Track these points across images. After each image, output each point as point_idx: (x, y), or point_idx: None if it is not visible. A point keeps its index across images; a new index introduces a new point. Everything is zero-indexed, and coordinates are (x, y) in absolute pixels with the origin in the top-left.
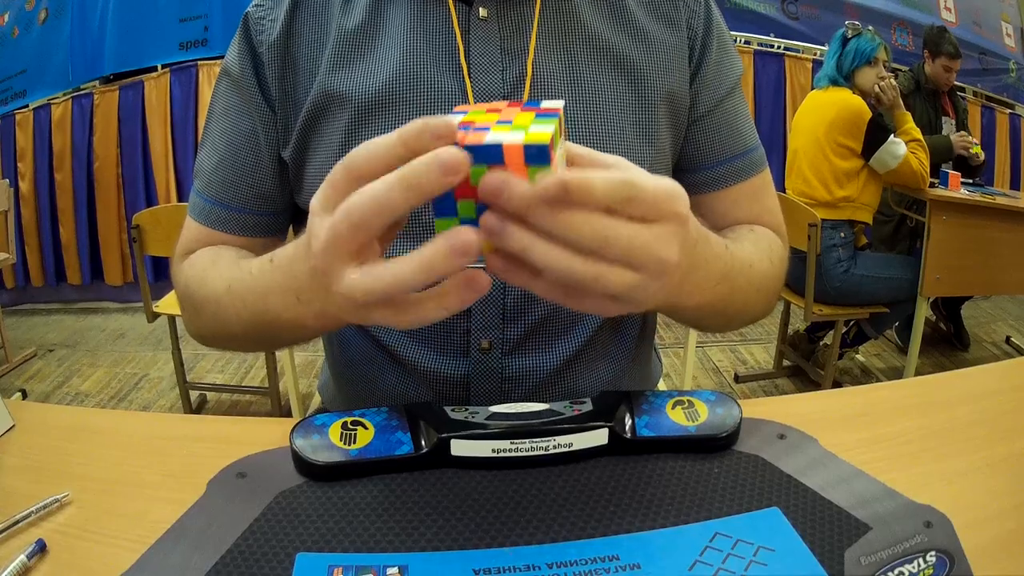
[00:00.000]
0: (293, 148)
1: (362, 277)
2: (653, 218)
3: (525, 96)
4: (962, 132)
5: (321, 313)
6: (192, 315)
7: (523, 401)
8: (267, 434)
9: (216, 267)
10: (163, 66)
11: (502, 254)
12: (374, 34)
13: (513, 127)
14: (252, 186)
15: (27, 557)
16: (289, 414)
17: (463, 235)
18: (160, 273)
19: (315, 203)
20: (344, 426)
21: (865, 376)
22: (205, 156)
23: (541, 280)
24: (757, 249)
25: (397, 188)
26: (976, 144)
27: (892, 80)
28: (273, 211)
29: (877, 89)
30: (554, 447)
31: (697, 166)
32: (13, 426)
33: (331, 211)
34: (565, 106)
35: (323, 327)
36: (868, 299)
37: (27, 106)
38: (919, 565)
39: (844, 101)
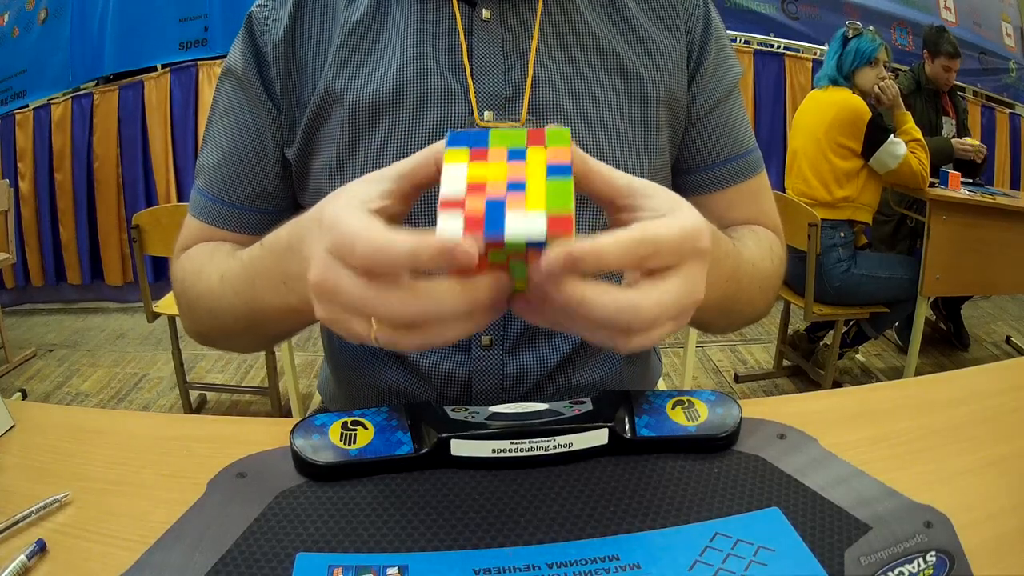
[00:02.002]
0: (297, 147)
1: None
2: (676, 264)
3: (526, 99)
4: (964, 138)
5: (305, 297)
6: (189, 311)
7: (524, 398)
8: (267, 434)
9: (212, 261)
10: (163, 66)
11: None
12: (378, 34)
13: (529, 196)
14: (254, 184)
15: (27, 557)
16: (289, 414)
17: (456, 250)
18: (160, 273)
19: (338, 249)
20: (344, 426)
21: (865, 376)
22: (207, 154)
23: (578, 322)
24: (759, 248)
25: (459, 297)
26: (976, 143)
27: (892, 80)
28: (274, 209)
29: (877, 89)
30: (554, 447)
31: (694, 168)
32: (13, 426)
33: (358, 272)
34: (565, 106)
35: (311, 311)
36: (868, 299)
37: (27, 106)
38: (919, 565)
39: (844, 101)
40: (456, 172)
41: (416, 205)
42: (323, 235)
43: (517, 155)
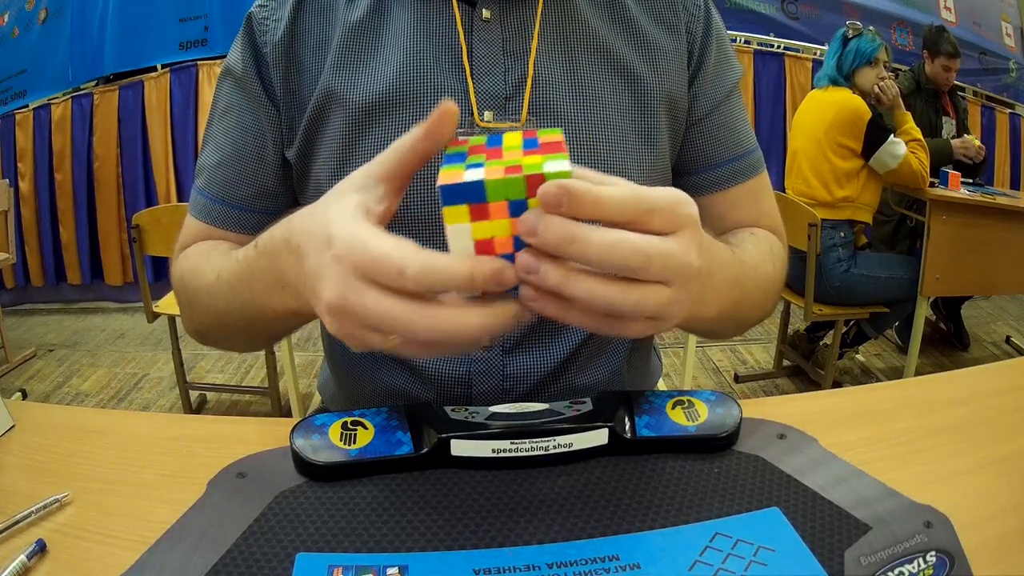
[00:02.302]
0: (298, 147)
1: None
2: (672, 228)
3: (526, 99)
4: (963, 138)
5: (303, 300)
6: (188, 310)
7: (524, 399)
8: (267, 434)
9: (209, 259)
10: (163, 66)
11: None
12: (378, 34)
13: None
14: (254, 184)
15: (27, 557)
16: (289, 414)
17: (507, 271)
18: (160, 273)
19: (349, 257)
20: (344, 426)
21: (865, 376)
22: (207, 154)
23: (575, 310)
24: (760, 252)
25: (477, 322)
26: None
27: (891, 80)
28: (274, 209)
29: (877, 89)
30: (554, 447)
31: (695, 168)
32: (13, 426)
33: (368, 282)
34: (565, 106)
35: (311, 312)
36: (868, 299)
37: (27, 106)
38: (919, 565)
39: (844, 101)
40: (461, 231)
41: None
42: (340, 252)
43: (518, 209)
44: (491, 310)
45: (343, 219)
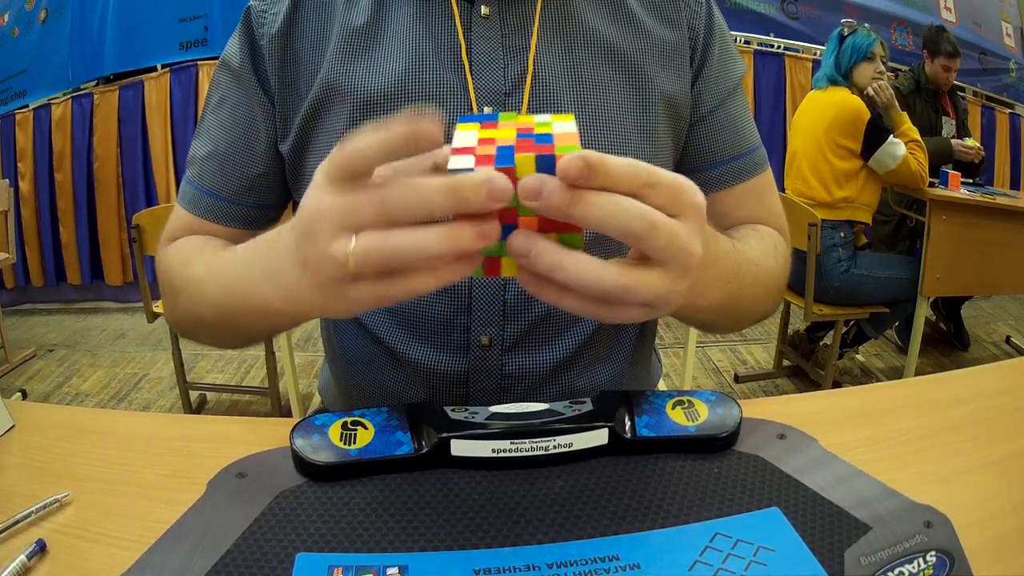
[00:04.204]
0: (292, 142)
1: (363, 241)
2: (675, 211)
3: (526, 95)
4: (965, 139)
5: (290, 296)
6: (170, 299)
7: (522, 399)
8: (267, 434)
9: (202, 253)
10: (163, 66)
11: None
12: (378, 31)
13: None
14: (245, 177)
15: (27, 557)
16: (289, 414)
17: (493, 224)
18: None
19: (322, 176)
20: (344, 426)
21: (865, 376)
22: (199, 145)
23: (572, 295)
24: (762, 248)
25: (443, 194)
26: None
27: (885, 82)
28: (264, 204)
29: (871, 91)
30: (554, 447)
31: (699, 166)
32: (13, 426)
33: (338, 185)
34: (565, 101)
35: (292, 314)
36: (868, 299)
37: (27, 106)
38: (919, 565)
39: (843, 102)
40: (467, 133)
41: None
42: (320, 169)
43: (525, 134)
44: (457, 226)
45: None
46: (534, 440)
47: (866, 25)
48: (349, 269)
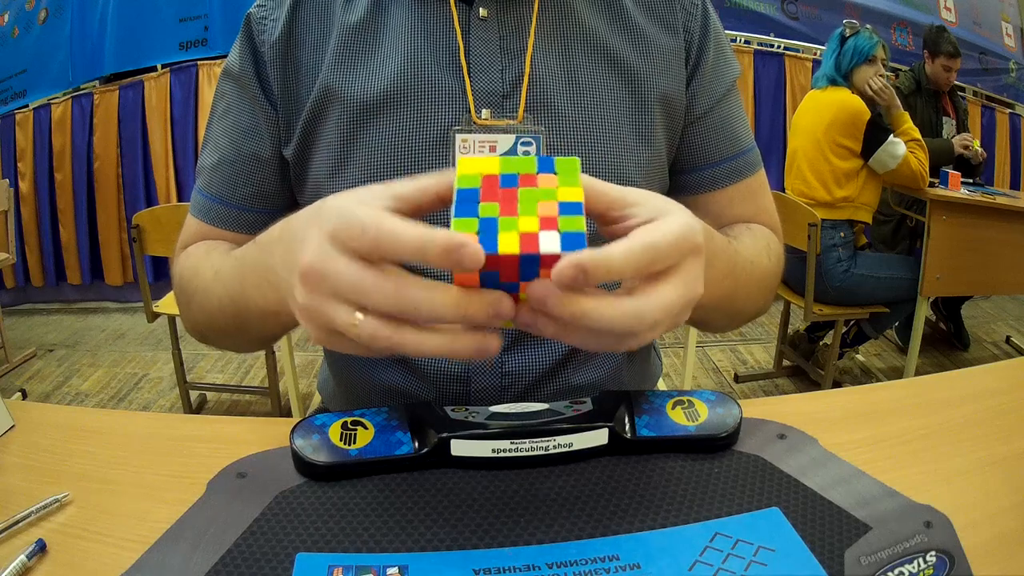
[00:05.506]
0: (295, 146)
1: (372, 326)
2: (675, 264)
3: (523, 97)
4: (963, 134)
5: (281, 295)
6: (186, 309)
7: (522, 397)
8: (267, 434)
9: (208, 258)
10: (163, 66)
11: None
12: (376, 33)
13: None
14: (253, 184)
15: (27, 557)
16: (289, 414)
17: (506, 302)
18: (160, 273)
19: (339, 237)
20: (344, 426)
21: (865, 376)
22: (207, 155)
23: (576, 332)
24: (756, 246)
25: (452, 309)
26: (975, 141)
27: (884, 80)
28: (273, 209)
29: (871, 91)
30: (554, 447)
31: (694, 167)
32: (13, 426)
33: (353, 255)
34: (562, 104)
35: (286, 312)
36: (868, 299)
37: (27, 106)
38: (919, 565)
39: (843, 101)
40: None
41: None
42: (323, 223)
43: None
44: (464, 291)
45: (340, 197)
46: (534, 440)
47: (868, 26)
48: (350, 336)
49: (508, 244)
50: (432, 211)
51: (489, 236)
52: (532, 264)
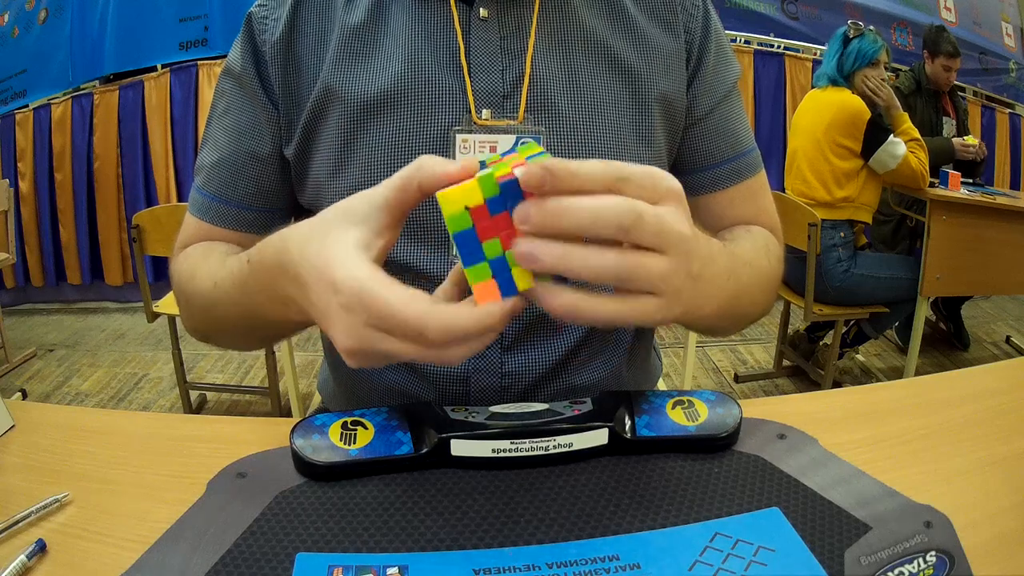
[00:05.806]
0: (296, 146)
1: (400, 346)
2: (653, 200)
3: (523, 97)
4: (965, 138)
5: (308, 316)
6: (186, 309)
7: (522, 397)
8: (267, 434)
9: (206, 263)
10: (163, 66)
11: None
12: (376, 33)
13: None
14: (252, 183)
15: (27, 557)
16: (289, 414)
17: (516, 304)
18: (160, 273)
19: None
20: (344, 426)
21: (865, 376)
22: (206, 153)
23: (585, 294)
24: (754, 247)
25: (463, 352)
26: (976, 142)
27: (882, 81)
28: (272, 208)
29: (869, 92)
30: (554, 447)
31: (694, 168)
32: (13, 426)
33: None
34: (562, 104)
35: (305, 323)
36: (868, 299)
37: (27, 106)
38: (919, 565)
39: (843, 101)
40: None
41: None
42: (349, 304)
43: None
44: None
45: (345, 263)
46: (534, 440)
47: (872, 28)
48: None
49: (522, 281)
50: (418, 203)
51: (505, 278)
52: (514, 190)
